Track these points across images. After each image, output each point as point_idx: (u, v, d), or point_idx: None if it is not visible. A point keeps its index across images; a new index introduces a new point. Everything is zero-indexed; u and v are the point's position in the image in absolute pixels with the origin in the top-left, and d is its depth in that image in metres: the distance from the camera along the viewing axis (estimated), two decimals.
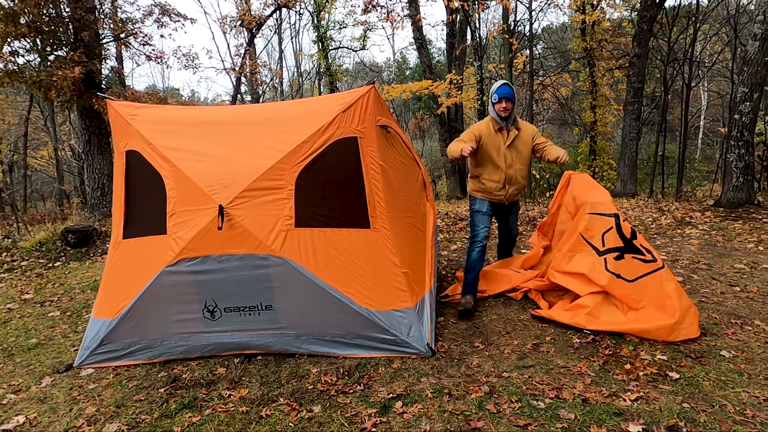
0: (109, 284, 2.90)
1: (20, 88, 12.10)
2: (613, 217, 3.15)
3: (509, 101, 3.35)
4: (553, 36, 19.32)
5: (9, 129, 15.99)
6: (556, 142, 20.43)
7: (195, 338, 2.75)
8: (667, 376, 2.38)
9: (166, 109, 3.20)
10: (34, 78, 7.93)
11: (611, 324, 2.92)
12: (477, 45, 9.00)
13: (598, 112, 12.79)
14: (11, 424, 2.23)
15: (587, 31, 12.13)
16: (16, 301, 4.39)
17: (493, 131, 3.43)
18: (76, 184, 17.47)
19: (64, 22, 8.45)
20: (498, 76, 14.31)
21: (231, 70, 14.45)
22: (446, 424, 2.07)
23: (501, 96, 3.33)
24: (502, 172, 3.48)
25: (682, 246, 5.07)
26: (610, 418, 2.06)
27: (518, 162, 3.50)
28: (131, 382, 2.61)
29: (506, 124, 3.41)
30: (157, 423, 2.19)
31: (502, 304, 3.58)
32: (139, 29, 10.01)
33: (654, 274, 2.98)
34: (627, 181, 10.40)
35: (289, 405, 2.28)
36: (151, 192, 2.75)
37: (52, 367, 2.86)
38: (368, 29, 14.48)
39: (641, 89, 10.40)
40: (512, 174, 3.50)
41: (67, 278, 5.18)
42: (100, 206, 8.93)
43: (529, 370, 2.52)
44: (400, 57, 31.52)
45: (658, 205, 7.95)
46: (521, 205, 3.67)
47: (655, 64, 12.70)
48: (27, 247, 6.42)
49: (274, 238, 2.56)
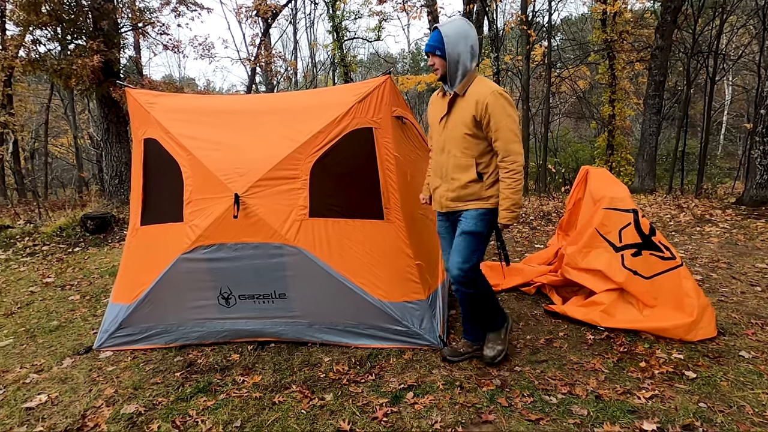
0: (127, 270, 2.96)
1: (41, 76, 12.34)
2: (632, 213, 3.09)
3: (434, 55, 2.27)
4: (572, 27, 18.88)
5: (30, 117, 16.35)
6: (573, 136, 20.08)
7: (210, 324, 2.80)
8: (683, 375, 2.34)
9: (184, 98, 3.23)
10: (55, 66, 8.07)
11: (627, 322, 2.88)
12: (494, 36, 8.85)
13: (617, 105, 12.50)
14: (34, 402, 2.31)
15: (608, 23, 11.82)
16: (38, 284, 4.52)
17: (440, 97, 2.45)
18: (94, 171, 17.80)
19: (84, 11, 8.56)
20: (515, 68, 14.07)
21: (246, 60, 14.49)
22: (457, 415, 2.08)
23: (426, 51, 2.34)
24: (431, 159, 2.51)
25: (701, 244, 4.96)
26: (624, 415, 2.04)
27: (452, 145, 2.32)
28: (148, 365, 2.67)
29: (450, 88, 2.34)
30: (173, 406, 2.24)
31: (515, 299, 3.56)
32: (156, 18, 10.10)
33: (672, 271, 2.92)
34: (645, 176, 10.19)
35: (301, 392, 2.31)
36: (169, 180, 2.78)
37: (72, 349, 2.94)
38: (383, 19, 14.33)
39: (663, 83, 10.13)
40: (442, 164, 2.38)
41: (86, 263, 5.31)
42: (118, 193, 9.11)
43: (542, 365, 2.51)
44: (415, 48, 31.21)
45: (677, 201, 7.77)
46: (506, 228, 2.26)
47: (678, 56, 12.34)
48: (48, 232, 6.58)
49: (289, 228, 2.58)
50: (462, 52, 2.23)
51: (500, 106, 2.18)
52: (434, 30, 2.30)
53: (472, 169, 2.28)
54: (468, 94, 2.25)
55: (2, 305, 3.93)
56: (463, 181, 2.30)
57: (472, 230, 2.31)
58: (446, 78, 2.30)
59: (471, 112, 2.22)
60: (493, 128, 2.20)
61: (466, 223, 2.33)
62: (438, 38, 2.25)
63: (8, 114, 10.97)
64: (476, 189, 2.30)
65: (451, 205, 2.37)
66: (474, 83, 2.26)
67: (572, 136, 19.80)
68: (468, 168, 2.29)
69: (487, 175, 2.29)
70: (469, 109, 2.23)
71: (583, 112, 17.35)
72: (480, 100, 2.20)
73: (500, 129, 2.19)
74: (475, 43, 2.26)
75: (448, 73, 2.28)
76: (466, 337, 2.61)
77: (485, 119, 2.20)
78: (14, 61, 8.71)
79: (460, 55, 2.23)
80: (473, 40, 2.26)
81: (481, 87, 2.24)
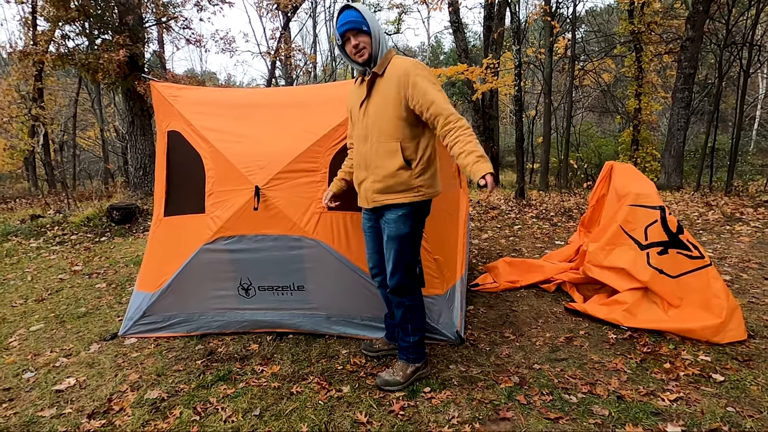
0: (150, 259, 3.03)
1: (69, 70, 12.71)
2: (659, 210, 3.00)
3: (359, 33, 2.04)
4: (597, 18, 18.35)
5: (60, 110, 16.88)
6: (596, 131, 19.56)
7: (230, 314, 2.85)
8: (710, 378, 2.27)
9: (207, 91, 3.26)
10: (83, 61, 8.29)
11: (651, 322, 2.80)
12: (516, 28, 8.66)
13: (643, 99, 12.12)
14: (63, 385, 2.40)
15: (635, 13, 11.43)
16: (67, 272, 4.68)
17: (357, 85, 2.25)
18: (120, 163, 18.30)
19: (110, 6, 8.76)
20: (537, 60, 13.77)
21: (266, 54, 14.60)
22: (475, 411, 2.06)
23: (343, 31, 2.06)
24: (353, 152, 2.29)
25: (730, 243, 4.79)
26: (647, 417, 1.99)
27: (375, 131, 2.11)
28: (170, 352, 2.74)
29: (368, 71, 2.14)
30: (194, 393, 2.30)
31: (534, 295, 3.50)
32: (180, 13, 10.25)
33: (700, 271, 2.83)
34: (672, 173, 9.87)
35: (318, 384, 2.33)
36: (191, 171, 2.83)
37: (99, 335, 3.04)
38: (403, 12, 14.22)
39: (693, 76, 9.76)
40: (365, 153, 2.16)
41: (112, 252, 5.47)
42: (142, 185, 9.34)
43: (561, 364, 2.46)
44: (435, 41, 30.89)
45: (705, 199, 7.51)
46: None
47: (709, 48, 11.86)
48: (76, 222, 6.81)
49: (308, 220, 2.59)
50: (381, 29, 2.09)
51: (423, 75, 2.02)
52: (345, 9, 2.07)
53: (398, 154, 2.06)
54: (387, 74, 2.07)
55: (34, 291, 4.09)
56: (390, 169, 2.07)
57: (396, 234, 2.13)
58: (371, 59, 2.09)
59: (394, 89, 2.04)
60: (422, 97, 1.99)
61: (389, 229, 2.14)
62: (358, 15, 2.03)
63: (39, 107, 11.34)
64: (405, 177, 2.08)
65: (378, 198, 2.13)
66: (392, 61, 2.09)
67: (595, 131, 19.30)
68: (394, 153, 2.07)
69: (415, 162, 2.09)
70: (391, 87, 2.05)
71: (607, 106, 16.89)
72: (401, 74, 2.03)
73: (429, 93, 1.98)
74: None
75: (373, 53, 2.08)
76: (386, 335, 2.62)
77: (411, 92, 2.01)
78: (45, 56, 8.98)
79: (380, 32, 2.08)
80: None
81: (399, 62, 2.08)
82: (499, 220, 6.64)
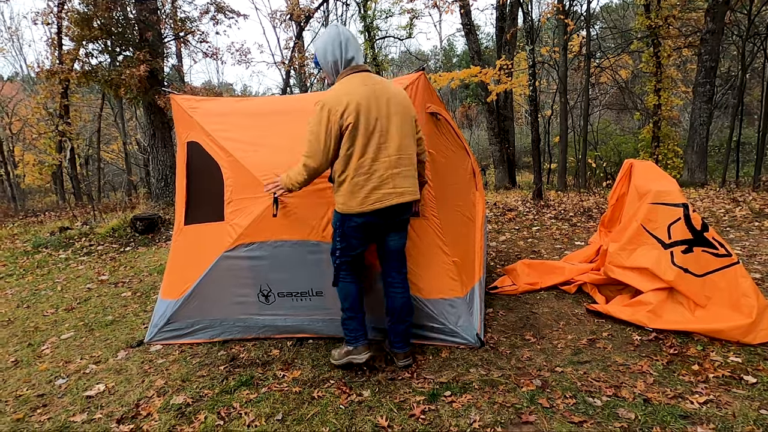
0: (173, 267, 3.11)
1: (93, 87, 13.17)
2: (682, 208, 2.92)
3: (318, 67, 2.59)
4: (612, 14, 18.03)
5: (84, 125, 17.50)
6: (614, 128, 19.17)
7: (251, 320, 2.89)
8: (741, 380, 2.19)
9: (224, 102, 3.35)
10: (106, 77, 8.61)
11: (677, 323, 2.73)
12: (529, 27, 8.58)
13: (663, 95, 11.83)
14: (93, 391, 2.48)
15: (652, 8, 11.20)
16: (94, 281, 4.83)
17: None
18: (142, 175, 18.83)
19: (131, 24, 9.07)
20: (551, 59, 13.62)
21: (281, 64, 14.84)
22: (496, 415, 2.04)
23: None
24: None
25: (760, 240, 4.62)
26: (675, 420, 1.93)
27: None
28: (194, 359, 2.80)
29: None
30: (218, 398, 2.34)
31: (555, 297, 3.45)
32: (196, 27, 10.53)
33: (727, 269, 2.74)
34: (695, 169, 9.60)
35: (339, 388, 2.34)
36: (210, 181, 2.90)
37: (125, 342, 3.12)
38: (415, 17, 14.26)
39: (714, 69, 9.50)
40: None
41: (136, 262, 5.62)
42: (164, 196, 9.59)
43: (585, 366, 2.42)
44: (447, 44, 30.87)
45: (731, 195, 7.28)
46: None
47: (731, 40, 11.53)
48: (102, 233, 7.02)
49: (326, 225, 2.62)
50: (328, 62, 2.34)
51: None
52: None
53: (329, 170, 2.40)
54: None
55: (64, 301, 4.23)
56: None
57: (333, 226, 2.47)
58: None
59: None
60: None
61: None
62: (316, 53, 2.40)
63: (66, 123, 11.78)
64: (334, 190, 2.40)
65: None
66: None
67: (613, 129, 18.91)
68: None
69: (334, 179, 2.37)
70: None
71: (625, 103, 16.54)
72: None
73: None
74: (337, 49, 2.29)
75: (331, 82, 2.43)
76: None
77: None
78: (70, 74, 9.35)
79: (327, 63, 2.35)
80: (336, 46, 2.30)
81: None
82: (517, 221, 6.57)
